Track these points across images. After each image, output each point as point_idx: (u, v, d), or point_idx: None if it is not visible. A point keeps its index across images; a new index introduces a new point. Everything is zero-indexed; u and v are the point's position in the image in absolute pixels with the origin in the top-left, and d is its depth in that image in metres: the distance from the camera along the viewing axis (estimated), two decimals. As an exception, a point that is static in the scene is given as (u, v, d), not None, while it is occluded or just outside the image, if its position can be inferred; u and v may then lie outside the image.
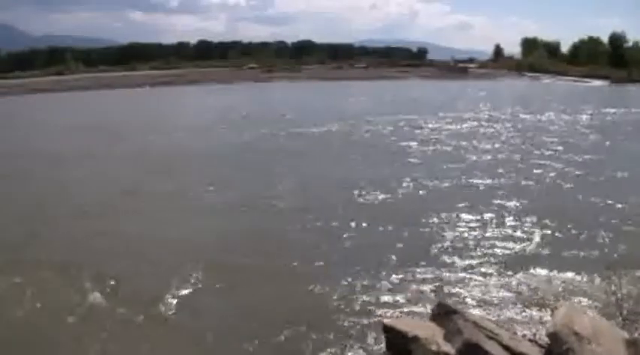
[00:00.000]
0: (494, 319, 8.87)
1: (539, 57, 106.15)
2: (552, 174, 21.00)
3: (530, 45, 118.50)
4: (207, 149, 28.32)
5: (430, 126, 34.58)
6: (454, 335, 7.62)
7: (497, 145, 27.77)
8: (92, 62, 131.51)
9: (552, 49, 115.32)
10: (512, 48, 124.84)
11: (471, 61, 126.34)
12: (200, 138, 31.97)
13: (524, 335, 8.24)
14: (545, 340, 7.54)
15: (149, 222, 15.78)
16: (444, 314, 8.05)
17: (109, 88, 75.86)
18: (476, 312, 8.77)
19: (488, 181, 19.92)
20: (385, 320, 8.49)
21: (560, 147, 26.68)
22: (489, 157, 24.74)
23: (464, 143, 28.28)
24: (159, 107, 51.09)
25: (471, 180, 20.20)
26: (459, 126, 34.36)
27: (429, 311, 8.85)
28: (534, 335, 8.32)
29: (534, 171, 21.71)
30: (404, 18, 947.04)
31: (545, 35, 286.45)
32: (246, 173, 22.10)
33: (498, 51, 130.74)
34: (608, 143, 28.72)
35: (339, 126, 34.63)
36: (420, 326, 8.02)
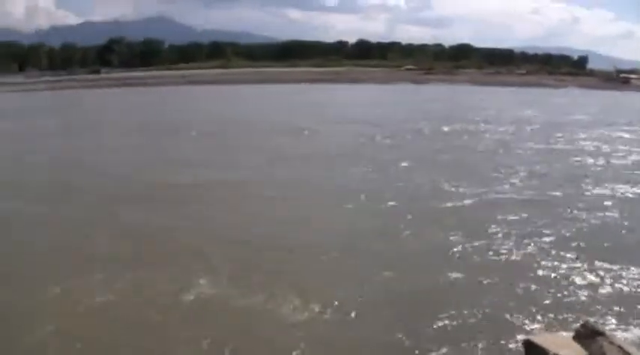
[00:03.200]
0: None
1: None
2: None
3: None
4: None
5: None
6: (597, 358, 7.58)
7: None
8: (252, 57, 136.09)
9: None
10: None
11: (633, 71, 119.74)
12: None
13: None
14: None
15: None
16: (589, 334, 7.97)
17: (267, 83, 77.95)
18: (623, 336, 8.63)
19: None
20: (527, 336, 8.43)
21: None
22: None
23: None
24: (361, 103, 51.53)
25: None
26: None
27: (573, 329, 8.74)
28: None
29: None
30: (565, 24, 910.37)
31: None
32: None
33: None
34: None
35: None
36: (562, 344, 7.96)
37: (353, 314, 9.57)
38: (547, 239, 13.15)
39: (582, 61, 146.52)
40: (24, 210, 15.74)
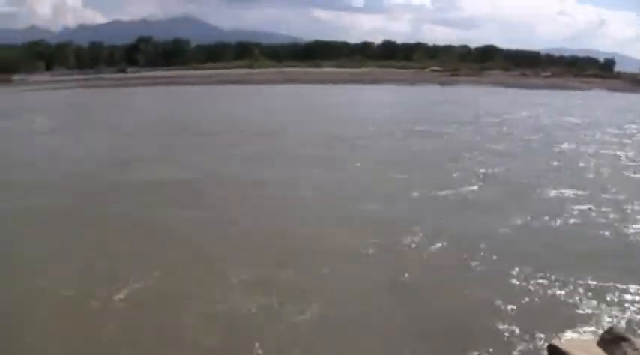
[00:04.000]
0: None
1: None
2: None
3: None
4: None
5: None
6: (622, 363, 7.52)
7: None
8: (278, 58, 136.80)
9: None
10: None
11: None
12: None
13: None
14: None
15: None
16: (613, 340, 7.92)
17: (292, 83, 78.16)
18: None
19: None
20: (551, 341, 8.37)
21: None
22: None
23: None
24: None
25: None
26: None
27: (598, 335, 8.64)
28: None
29: None
30: (591, 26, 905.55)
31: None
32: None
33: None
34: None
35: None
36: (586, 350, 7.90)
37: (353, 318, 9.53)
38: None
39: (609, 63, 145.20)
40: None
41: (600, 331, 8.72)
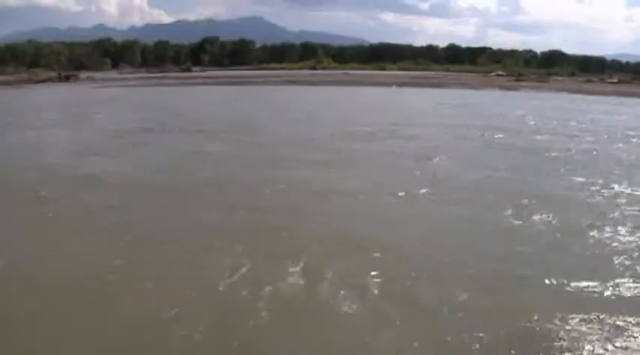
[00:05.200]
0: None
1: None
2: None
3: None
4: None
5: None
6: None
7: None
8: (342, 59, 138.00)
9: None
10: None
11: None
12: None
13: None
14: None
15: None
16: None
17: (357, 85, 78.06)
18: None
19: None
20: None
21: None
22: None
23: None
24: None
25: None
26: None
27: None
28: None
29: None
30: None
31: None
32: None
33: None
34: None
35: None
36: None
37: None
38: None
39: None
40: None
41: None
